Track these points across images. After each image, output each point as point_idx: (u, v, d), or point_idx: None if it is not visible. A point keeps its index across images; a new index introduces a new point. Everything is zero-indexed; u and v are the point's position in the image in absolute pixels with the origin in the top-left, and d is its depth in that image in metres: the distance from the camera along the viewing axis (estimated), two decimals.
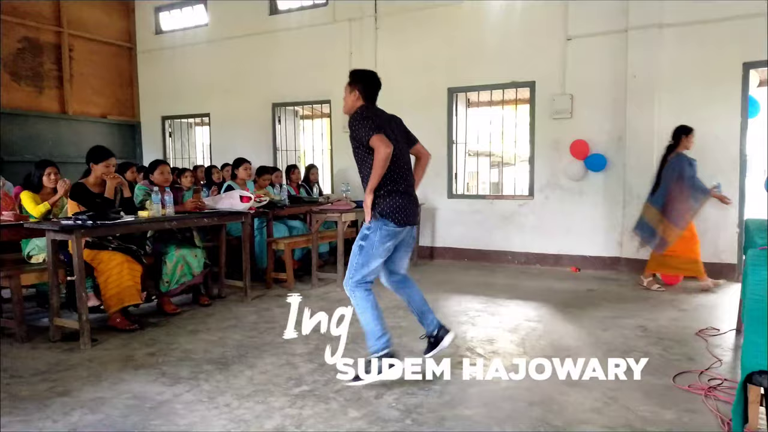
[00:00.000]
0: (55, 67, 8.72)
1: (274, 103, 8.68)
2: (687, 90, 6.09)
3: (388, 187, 3.13)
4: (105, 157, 4.38)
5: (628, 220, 6.37)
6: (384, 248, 3.15)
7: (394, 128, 3.26)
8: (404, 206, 3.15)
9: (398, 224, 3.12)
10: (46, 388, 3.14)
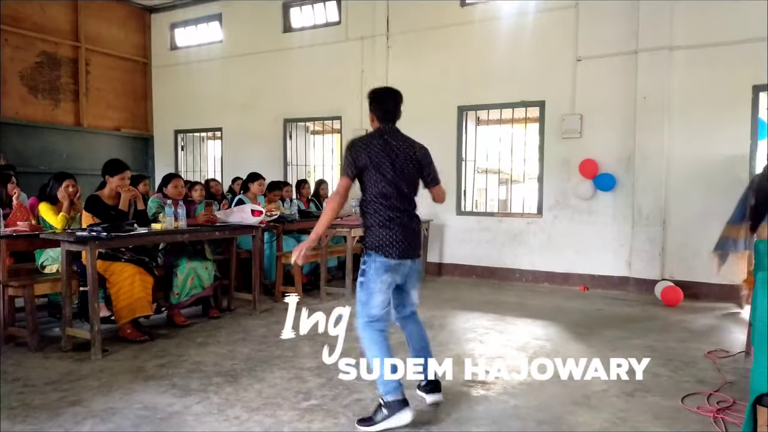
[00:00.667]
0: (71, 80, 8.89)
1: (285, 118, 8.79)
2: (697, 112, 6.12)
3: (374, 220, 2.97)
4: (120, 170, 4.45)
5: (637, 241, 6.38)
6: (380, 281, 2.92)
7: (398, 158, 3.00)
8: (395, 240, 2.93)
9: (391, 257, 2.92)
10: (58, 397, 3.18)
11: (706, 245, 6.06)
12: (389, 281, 2.95)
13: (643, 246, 6.34)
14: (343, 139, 8.35)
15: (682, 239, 6.25)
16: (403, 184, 3.01)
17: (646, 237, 6.32)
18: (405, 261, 2.97)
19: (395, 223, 2.95)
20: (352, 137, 3.25)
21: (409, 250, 2.97)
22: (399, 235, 2.94)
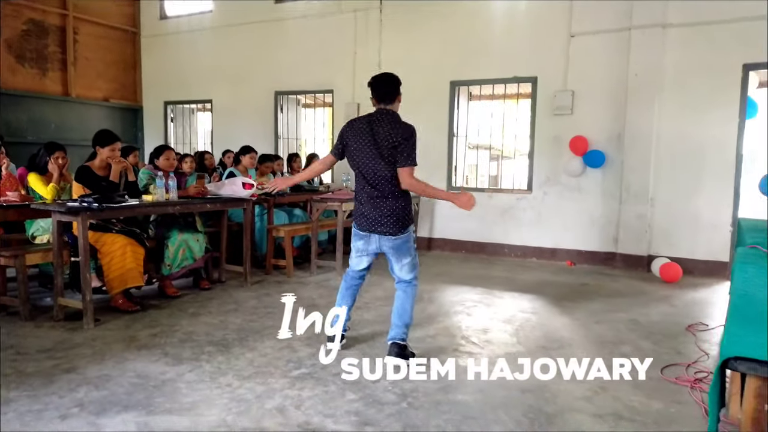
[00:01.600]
0: (59, 49, 8.74)
1: (276, 91, 8.73)
2: (687, 90, 6.15)
3: (356, 194, 3.44)
4: (111, 141, 4.43)
5: (625, 217, 6.47)
6: (354, 246, 3.46)
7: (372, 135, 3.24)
8: (362, 213, 3.34)
9: (359, 228, 3.39)
10: (52, 365, 3.23)
11: (693, 222, 6.22)
12: (360, 247, 3.43)
13: (631, 222, 6.43)
14: (335, 112, 8.32)
15: (668, 216, 6.34)
16: (376, 165, 3.25)
17: (634, 214, 6.40)
18: (371, 234, 3.33)
19: (365, 200, 3.32)
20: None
21: (373, 225, 3.30)
22: (366, 211, 3.32)
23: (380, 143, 3.23)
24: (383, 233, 3.29)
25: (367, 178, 3.28)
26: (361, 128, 3.30)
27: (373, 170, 3.26)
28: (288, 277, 5.74)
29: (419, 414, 2.65)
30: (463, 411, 2.68)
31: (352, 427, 2.53)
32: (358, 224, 3.38)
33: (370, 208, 3.29)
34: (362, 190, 3.33)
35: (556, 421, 2.60)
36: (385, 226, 3.27)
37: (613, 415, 2.67)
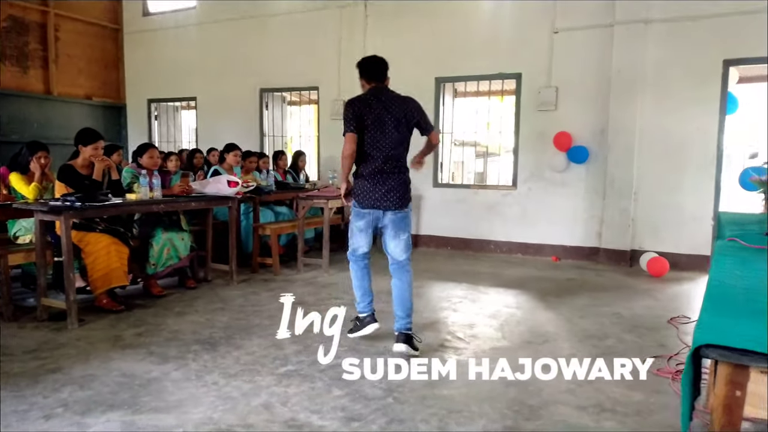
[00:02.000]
0: (40, 47, 8.63)
1: (262, 88, 8.69)
2: (669, 85, 6.23)
3: (358, 170, 3.47)
4: (94, 139, 4.39)
5: (608, 212, 6.54)
6: (356, 226, 3.52)
7: (386, 111, 3.41)
8: (367, 190, 3.42)
9: (361, 206, 3.46)
10: (37, 365, 3.20)
11: (676, 216, 6.30)
12: (364, 227, 3.51)
13: (614, 217, 6.50)
14: (320, 109, 8.31)
15: (651, 211, 6.42)
16: (394, 140, 3.42)
17: (617, 208, 6.48)
18: (375, 210, 3.45)
19: (368, 173, 3.41)
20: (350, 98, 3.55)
21: (378, 201, 3.42)
22: (370, 185, 3.41)
23: (399, 117, 3.42)
24: (388, 208, 3.44)
25: (383, 153, 3.40)
26: (374, 105, 3.41)
27: (390, 145, 3.41)
28: (275, 275, 5.73)
29: (405, 408, 2.67)
30: (448, 405, 2.71)
31: (339, 422, 2.54)
32: (362, 202, 3.44)
33: (375, 184, 3.41)
34: (370, 166, 3.41)
35: (540, 413, 2.64)
36: (391, 200, 3.43)
37: (595, 406, 2.71)
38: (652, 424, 2.57)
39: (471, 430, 2.49)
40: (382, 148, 3.41)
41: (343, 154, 3.39)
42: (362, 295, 3.63)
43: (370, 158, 3.42)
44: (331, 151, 8.19)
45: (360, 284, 3.64)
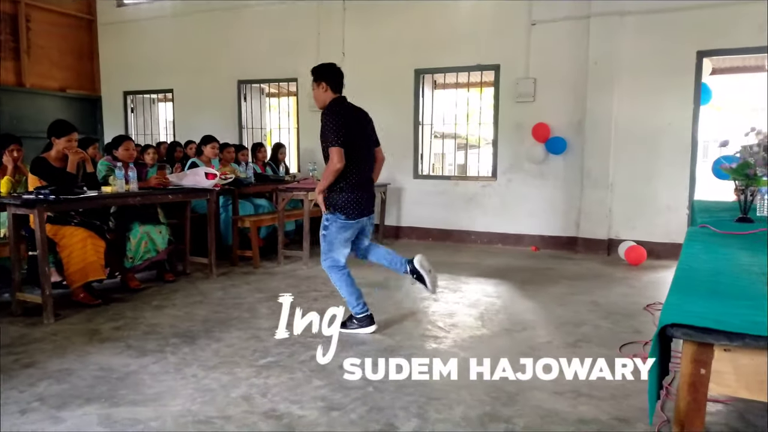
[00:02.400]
0: (11, 38, 8.43)
1: (239, 80, 8.61)
2: (644, 77, 6.31)
3: (341, 184, 3.47)
4: (67, 131, 4.32)
5: (586, 202, 6.62)
6: (342, 238, 3.57)
7: (359, 124, 3.56)
8: (356, 201, 3.51)
9: (349, 218, 3.52)
10: (11, 360, 3.16)
11: (651, 206, 6.40)
12: (350, 237, 3.60)
13: (591, 207, 6.59)
14: (299, 101, 8.26)
15: (628, 200, 6.51)
16: (370, 149, 3.62)
17: (594, 199, 6.56)
18: (362, 219, 3.59)
19: (355, 184, 3.48)
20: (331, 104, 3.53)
21: (366, 209, 3.59)
22: (358, 196, 3.50)
23: (369, 129, 3.65)
24: (371, 212, 3.67)
25: (366, 163, 3.56)
26: (354, 115, 3.55)
27: (368, 155, 3.61)
28: (255, 268, 5.71)
29: (384, 397, 2.69)
30: (427, 392, 2.73)
31: (318, 412, 2.55)
32: (351, 214, 3.50)
33: (364, 193, 3.55)
34: (356, 178, 3.49)
35: (517, 399, 2.68)
36: (372, 205, 3.67)
37: (572, 391, 2.75)
38: (627, 407, 2.62)
39: (450, 416, 2.52)
40: (366, 160, 3.57)
41: (333, 168, 3.36)
42: (357, 297, 3.64)
43: (356, 170, 3.49)
44: (311, 143, 8.15)
45: (351, 289, 3.64)
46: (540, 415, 2.53)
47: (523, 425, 2.45)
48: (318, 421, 2.47)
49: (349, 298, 3.65)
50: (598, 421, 2.49)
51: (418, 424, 2.46)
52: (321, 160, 8.06)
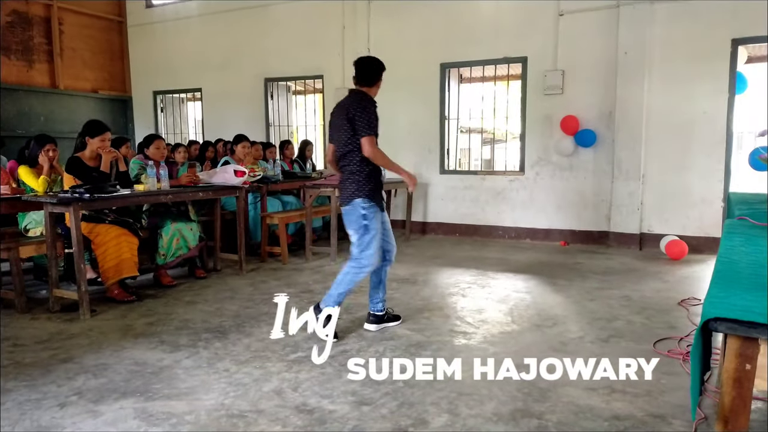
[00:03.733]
0: (45, 41, 8.65)
1: (266, 78, 8.67)
2: (676, 66, 6.16)
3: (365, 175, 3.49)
4: (101, 131, 4.41)
5: (617, 195, 6.50)
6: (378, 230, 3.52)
7: None
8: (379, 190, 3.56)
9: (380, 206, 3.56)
10: (49, 355, 3.24)
11: (684, 198, 6.26)
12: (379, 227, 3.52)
13: (622, 201, 6.47)
14: (325, 98, 8.28)
15: (660, 193, 6.38)
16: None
17: (626, 191, 6.44)
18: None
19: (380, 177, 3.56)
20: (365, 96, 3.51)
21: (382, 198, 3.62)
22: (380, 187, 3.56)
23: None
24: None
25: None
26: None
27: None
28: (283, 264, 5.75)
29: (415, 392, 2.69)
30: (458, 388, 2.72)
31: (349, 406, 2.56)
32: (380, 202, 3.54)
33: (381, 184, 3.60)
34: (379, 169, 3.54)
35: (549, 395, 2.64)
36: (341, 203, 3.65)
37: (605, 387, 2.71)
38: (662, 404, 2.57)
39: (481, 412, 2.50)
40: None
41: (379, 153, 3.38)
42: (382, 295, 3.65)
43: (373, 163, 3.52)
44: None
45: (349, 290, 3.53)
46: (573, 412, 2.49)
47: (556, 421, 2.42)
48: (349, 416, 2.47)
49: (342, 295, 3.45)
50: (633, 418, 2.45)
51: (449, 419, 2.44)
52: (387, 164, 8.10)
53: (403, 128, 7.54)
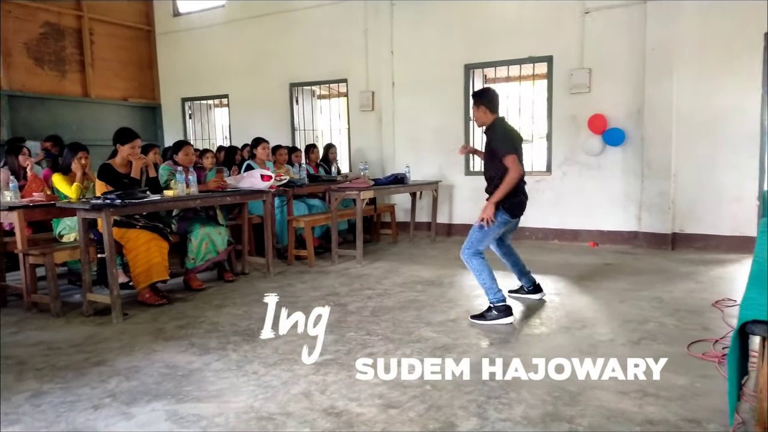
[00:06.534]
0: (77, 51, 8.87)
1: (291, 83, 8.75)
2: (706, 62, 6.02)
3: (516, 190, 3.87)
4: (131, 138, 4.50)
5: (647, 195, 6.38)
6: (498, 232, 4.01)
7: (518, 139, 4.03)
8: (520, 203, 3.96)
9: (512, 216, 3.94)
10: (83, 358, 3.32)
11: (717, 197, 6.10)
12: (502, 232, 4.13)
13: (653, 200, 6.34)
14: (349, 102, 8.31)
15: (692, 192, 6.24)
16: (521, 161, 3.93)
17: (656, 191, 6.31)
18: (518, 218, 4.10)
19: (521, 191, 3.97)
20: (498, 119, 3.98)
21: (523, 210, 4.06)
22: (522, 200, 3.99)
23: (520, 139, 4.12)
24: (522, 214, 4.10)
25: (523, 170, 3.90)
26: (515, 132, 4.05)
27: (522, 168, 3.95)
28: (309, 267, 5.79)
29: (443, 395, 2.67)
30: (487, 392, 2.69)
31: (377, 409, 2.56)
32: (516, 213, 3.97)
33: (525, 196, 4.03)
34: (522, 182, 3.94)
35: (579, 399, 2.60)
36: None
37: (637, 391, 2.65)
38: (697, 408, 2.50)
39: (510, 416, 2.47)
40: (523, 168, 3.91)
41: (515, 176, 3.75)
42: (497, 285, 3.87)
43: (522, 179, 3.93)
44: (361, 143, 8.22)
45: (492, 275, 3.88)
46: (604, 416, 2.45)
47: (586, 425, 2.38)
48: (376, 419, 2.47)
49: (491, 284, 3.83)
50: (666, 422, 2.39)
51: (478, 423, 2.42)
52: (372, 159, 8.09)
53: (429, 130, 7.52)
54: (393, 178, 6.49)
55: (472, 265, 3.92)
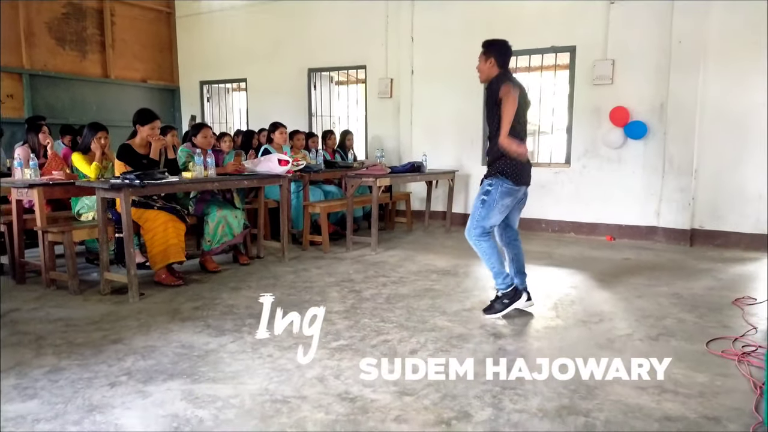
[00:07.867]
0: (98, 32, 8.90)
1: (310, 68, 8.71)
2: (734, 55, 5.89)
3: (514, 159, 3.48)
4: (151, 119, 4.51)
5: (667, 190, 6.28)
6: (503, 204, 3.58)
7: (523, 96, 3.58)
8: (522, 168, 3.55)
9: (515, 183, 3.53)
10: (100, 336, 3.35)
11: (739, 194, 5.99)
12: (510, 204, 3.63)
13: (673, 195, 6.25)
14: (368, 89, 8.26)
15: (713, 188, 6.13)
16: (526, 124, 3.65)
17: (677, 186, 6.21)
18: (525, 187, 3.65)
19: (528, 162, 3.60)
20: (502, 72, 3.61)
21: (527, 177, 3.64)
22: (527, 166, 3.61)
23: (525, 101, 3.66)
24: (529, 183, 3.69)
25: (524, 134, 3.62)
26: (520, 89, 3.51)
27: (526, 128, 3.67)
28: (324, 252, 5.79)
29: (458, 384, 2.65)
30: (502, 382, 2.67)
31: (391, 396, 2.55)
32: (518, 180, 3.54)
33: (527, 163, 3.62)
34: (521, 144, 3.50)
35: (597, 393, 2.57)
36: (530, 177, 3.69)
37: (656, 387, 2.61)
38: (716, 406, 2.46)
39: (526, 407, 2.45)
40: (526, 131, 3.65)
41: (512, 105, 3.31)
42: (504, 269, 3.69)
43: (522, 138, 3.55)
44: (378, 130, 8.18)
45: (499, 258, 3.66)
46: (622, 411, 2.42)
47: (603, 419, 2.35)
48: (391, 406, 2.46)
49: (500, 268, 3.64)
50: (685, 419, 2.35)
51: (493, 413, 2.40)
52: (389, 147, 8.05)
53: (447, 119, 7.45)
54: (410, 166, 6.46)
55: (480, 248, 3.64)
